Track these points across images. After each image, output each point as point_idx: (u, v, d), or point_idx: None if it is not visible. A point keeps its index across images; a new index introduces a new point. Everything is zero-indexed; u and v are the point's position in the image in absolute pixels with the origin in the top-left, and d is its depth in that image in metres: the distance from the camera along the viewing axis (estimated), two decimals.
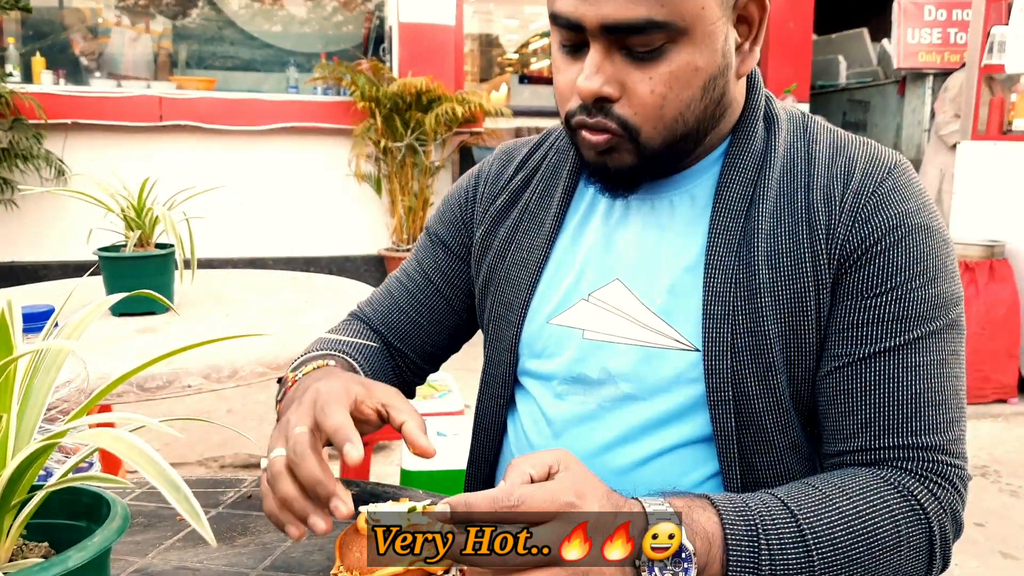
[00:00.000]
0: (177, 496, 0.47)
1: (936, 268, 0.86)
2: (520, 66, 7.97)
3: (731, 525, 0.74)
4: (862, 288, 0.86)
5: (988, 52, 4.29)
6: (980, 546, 2.64)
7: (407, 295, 1.13)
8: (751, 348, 0.88)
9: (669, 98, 0.85)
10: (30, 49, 5.70)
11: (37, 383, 0.58)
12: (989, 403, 3.95)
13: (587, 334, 0.97)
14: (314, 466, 0.71)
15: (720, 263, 0.90)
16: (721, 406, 0.89)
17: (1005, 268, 3.97)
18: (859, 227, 0.87)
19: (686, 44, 0.83)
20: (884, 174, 0.89)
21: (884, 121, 7.39)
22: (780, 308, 0.88)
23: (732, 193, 0.92)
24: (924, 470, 0.83)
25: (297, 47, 6.61)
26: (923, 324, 0.86)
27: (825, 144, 0.93)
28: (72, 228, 5.22)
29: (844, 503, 0.79)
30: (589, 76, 0.84)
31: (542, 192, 1.05)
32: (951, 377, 0.86)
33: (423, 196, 5.73)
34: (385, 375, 1.09)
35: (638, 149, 0.88)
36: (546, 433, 1.00)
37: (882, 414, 0.85)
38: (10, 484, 0.53)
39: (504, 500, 0.66)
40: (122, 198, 1.78)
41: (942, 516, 0.82)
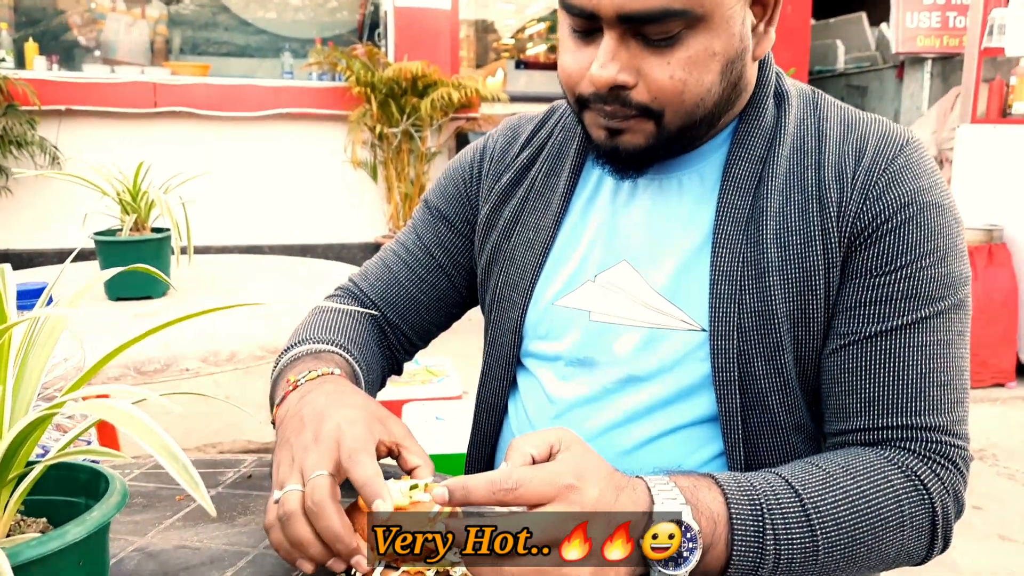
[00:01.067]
0: (176, 466, 0.46)
1: (947, 247, 0.86)
2: (516, 51, 7.93)
3: (736, 505, 0.74)
4: (872, 266, 0.85)
5: (988, 35, 4.28)
6: (978, 530, 2.65)
7: (407, 270, 1.10)
8: (758, 327, 0.87)
9: (689, 83, 0.83)
10: (23, 35, 5.66)
11: (32, 356, 0.57)
12: (987, 387, 3.96)
13: (593, 316, 0.96)
14: (334, 520, 0.68)
15: (728, 241, 0.89)
16: (726, 386, 0.89)
17: (1003, 253, 3.97)
18: (871, 204, 0.86)
19: (704, 30, 0.81)
20: (896, 151, 0.88)
21: (882, 106, 7.37)
22: (788, 287, 0.87)
23: (741, 171, 0.91)
24: (928, 451, 0.83)
25: (292, 33, 6.58)
26: (932, 304, 0.85)
27: (836, 121, 0.91)
28: (67, 215, 5.18)
29: (848, 483, 0.79)
30: (604, 64, 0.82)
31: (548, 171, 1.04)
32: (957, 357, 0.86)
33: (419, 182, 5.71)
34: (377, 364, 1.06)
35: (657, 130, 0.86)
36: (549, 414, 0.99)
37: (887, 393, 0.85)
38: (6, 457, 0.53)
39: (502, 483, 0.66)
40: (117, 182, 1.77)
41: (945, 496, 0.82)
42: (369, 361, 1.02)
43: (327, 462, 0.72)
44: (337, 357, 0.95)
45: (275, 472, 0.76)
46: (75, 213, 5.18)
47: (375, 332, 1.08)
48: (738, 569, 0.74)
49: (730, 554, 0.73)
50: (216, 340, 1.50)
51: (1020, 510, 2.81)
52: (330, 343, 0.98)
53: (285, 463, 0.75)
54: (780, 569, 0.75)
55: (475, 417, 1.10)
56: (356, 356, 0.98)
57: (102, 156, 4.92)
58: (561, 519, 0.65)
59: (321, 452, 0.73)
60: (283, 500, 0.71)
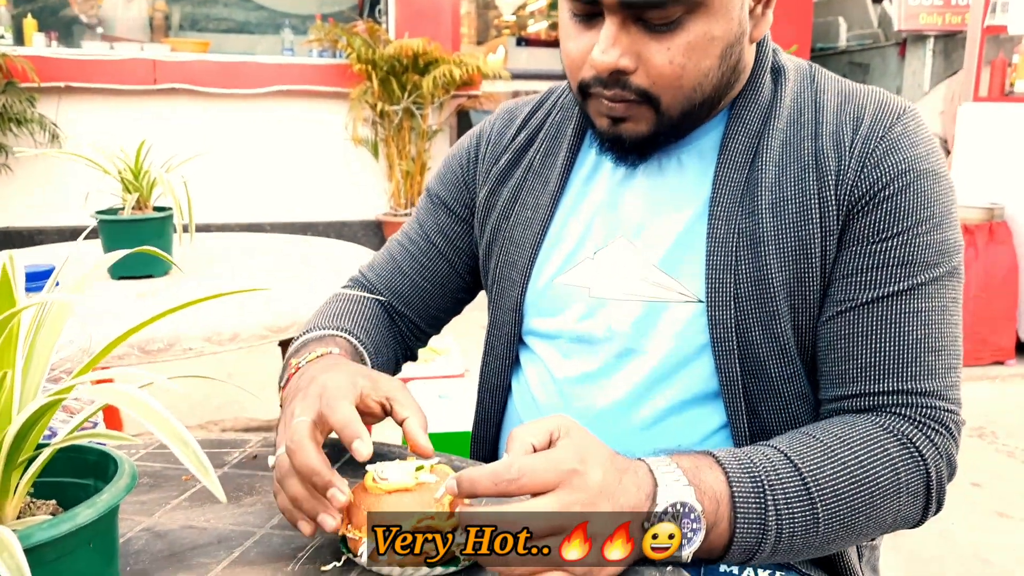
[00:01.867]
0: (186, 451, 0.46)
1: (942, 214, 0.87)
2: (517, 28, 7.90)
3: (738, 483, 0.75)
4: (869, 233, 0.87)
5: (991, 13, 4.26)
6: (977, 506, 2.67)
7: (409, 258, 1.12)
8: (755, 296, 0.88)
9: (688, 68, 0.84)
10: (21, 11, 5.62)
11: (41, 340, 0.57)
12: (986, 365, 3.97)
13: (593, 291, 0.97)
14: (310, 455, 0.71)
15: (723, 213, 0.90)
16: (726, 356, 0.90)
17: (1004, 231, 3.97)
18: (868, 171, 0.87)
19: (704, 15, 0.82)
20: (893, 120, 0.88)
21: (884, 83, 7.34)
22: (784, 255, 0.88)
23: (737, 144, 0.92)
24: (921, 415, 0.84)
25: (292, 9, 6.54)
26: (927, 270, 0.86)
27: (833, 92, 0.92)
28: (67, 192, 5.19)
29: (845, 453, 0.80)
30: (605, 50, 0.83)
31: (546, 151, 1.04)
32: (950, 324, 0.87)
33: (420, 160, 5.70)
34: (387, 347, 1.08)
35: (657, 117, 0.87)
36: (552, 392, 1.00)
37: (881, 358, 0.86)
38: (16, 440, 0.53)
39: (505, 473, 0.66)
40: (119, 160, 1.77)
41: (938, 460, 0.84)
42: (377, 344, 1.04)
43: (309, 412, 0.75)
44: (340, 339, 0.98)
45: (276, 442, 0.80)
46: (75, 191, 5.18)
47: (385, 318, 1.11)
48: (741, 546, 0.75)
49: (733, 531, 0.74)
50: (219, 320, 1.50)
51: (1019, 487, 2.83)
52: (335, 328, 1.00)
53: (280, 429, 0.80)
54: (782, 542, 0.76)
55: (479, 397, 1.11)
56: (361, 339, 1.01)
57: (102, 133, 4.93)
58: (566, 506, 0.66)
59: (304, 405, 0.77)
60: (278, 462, 0.75)
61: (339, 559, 0.73)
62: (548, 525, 0.65)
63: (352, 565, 0.72)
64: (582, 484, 0.67)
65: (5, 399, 0.53)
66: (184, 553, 0.74)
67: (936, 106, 5.61)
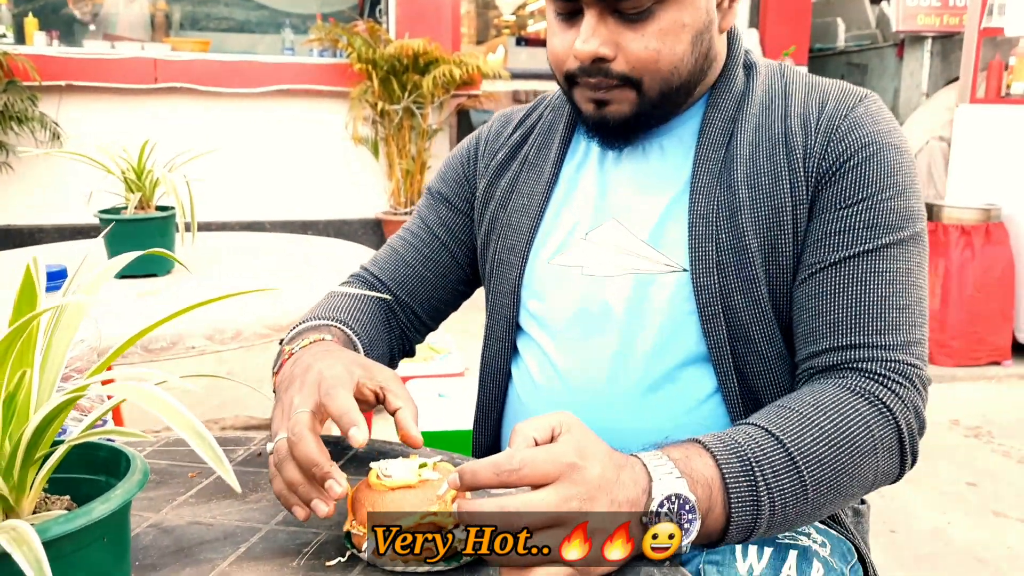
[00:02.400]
0: (203, 445, 0.48)
1: (904, 183, 0.94)
2: (517, 28, 7.91)
3: (727, 465, 0.78)
4: (836, 200, 0.94)
5: (987, 15, 4.27)
6: (972, 505, 2.69)
7: (413, 250, 1.17)
8: (735, 264, 0.95)
9: (663, 52, 0.93)
10: (22, 10, 5.63)
11: (56, 340, 0.59)
12: (983, 365, 3.99)
13: (585, 270, 1.03)
14: (310, 447, 0.74)
15: (703, 188, 0.98)
16: (712, 321, 0.96)
17: (1001, 232, 3.98)
18: (834, 145, 0.94)
19: (673, 4, 0.92)
20: (856, 101, 0.97)
21: (882, 84, 7.35)
22: (759, 225, 0.95)
23: (714, 128, 1.00)
24: (885, 370, 0.89)
25: (292, 8, 6.54)
26: (891, 233, 0.92)
27: (801, 83, 1.01)
28: (68, 191, 5.19)
29: (822, 419, 0.84)
30: (586, 39, 0.92)
31: (540, 145, 1.12)
32: (914, 286, 0.93)
33: (420, 159, 5.72)
34: (382, 342, 1.11)
35: (639, 98, 0.95)
36: (551, 374, 1.04)
37: (848, 314, 0.92)
38: (34, 438, 0.55)
39: (506, 465, 0.68)
40: (122, 160, 1.78)
41: (907, 413, 0.88)
42: (372, 338, 1.08)
43: (309, 402, 0.78)
44: (334, 328, 1.02)
45: (271, 427, 0.82)
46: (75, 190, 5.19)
47: (382, 314, 1.14)
48: (738, 525, 0.77)
49: (729, 514, 0.77)
50: (221, 318, 1.51)
51: (1014, 486, 2.84)
52: (331, 319, 1.04)
53: (276, 416, 0.82)
54: (776, 515, 0.79)
55: (480, 384, 1.15)
56: (356, 330, 1.04)
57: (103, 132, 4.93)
58: (564, 499, 0.67)
59: (303, 397, 0.79)
60: (276, 448, 0.77)
61: (343, 555, 0.74)
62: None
63: (356, 561, 0.73)
64: (581, 478, 0.69)
65: (24, 397, 0.54)
66: (191, 548, 0.76)
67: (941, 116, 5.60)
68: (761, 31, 6.82)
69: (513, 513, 0.66)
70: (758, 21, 6.93)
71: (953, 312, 3.89)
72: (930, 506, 2.63)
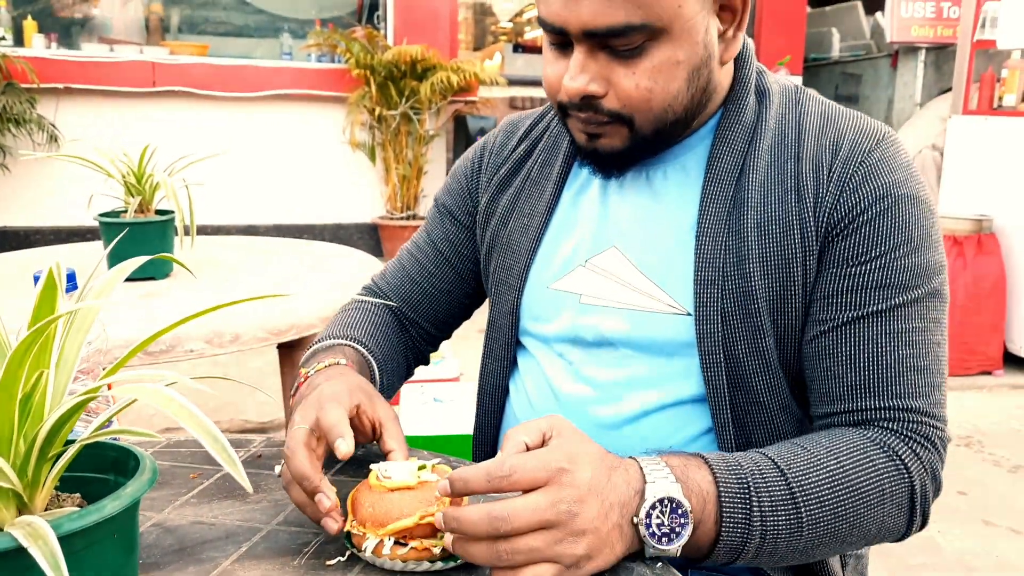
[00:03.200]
0: (215, 445, 0.50)
1: (921, 238, 0.89)
2: (514, 35, 7.94)
3: (725, 483, 0.77)
4: (848, 256, 0.89)
5: (980, 27, 4.30)
6: (962, 514, 2.71)
7: (418, 266, 1.17)
8: (740, 312, 0.92)
9: (655, 91, 0.88)
10: (21, 13, 5.64)
11: (70, 342, 0.60)
12: (974, 375, 4.01)
13: (584, 299, 1.01)
14: (301, 461, 0.76)
15: (711, 230, 0.93)
16: (713, 368, 0.93)
17: (992, 242, 4.01)
18: (847, 197, 0.90)
19: (666, 41, 0.86)
20: (872, 145, 0.91)
21: (876, 94, 7.40)
22: (767, 274, 0.91)
23: (723, 163, 0.95)
24: (907, 430, 0.86)
25: (291, 13, 6.57)
26: (906, 291, 0.88)
27: (816, 116, 0.95)
28: (64, 193, 5.20)
29: (831, 462, 0.82)
30: (574, 76, 0.88)
31: (543, 161, 1.09)
32: (932, 344, 0.90)
33: (417, 164, 5.74)
34: (398, 353, 1.13)
35: (631, 133, 0.92)
36: (547, 392, 1.04)
37: (865, 377, 0.88)
38: (48, 437, 0.56)
39: (497, 471, 0.69)
40: (122, 164, 1.79)
41: (923, 474, 0.86)
42: (386, 351, 1.09)
43: (308, 419, 0.81)
44: (347, 349, 1.02)
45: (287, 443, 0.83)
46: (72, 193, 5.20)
47: (395, 326, 1.15)
48: (726, 544, 0.77)
49: (719, 531, 0.77)
50: (220, 322, 1.53)
51: (1003, 495, 2.87)
52: (345, 337, 1.05)
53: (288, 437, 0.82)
54: (766, 544, 0.78)
55: (478, 398, 1.15)
56: (370, 347, 1.05)
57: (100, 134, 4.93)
58: (554, 502, 0.68)
59: (304, 412, 0.82)
60: (284, 470, 0.79)
61: (344, 554, 0.75)
62: (536, 521, 0.68)
63: (356, 560, 0.75)
64: (571, 481, 0.70)
65: (39, 398, 0.56)
66: (194, 547, 0.77)
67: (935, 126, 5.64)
68: (757, 41, 6.84)
69: (501, 518, 0.67)
70: (753, 31, 6.97)
71: None
72: None
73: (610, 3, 0.83)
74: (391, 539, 0.72)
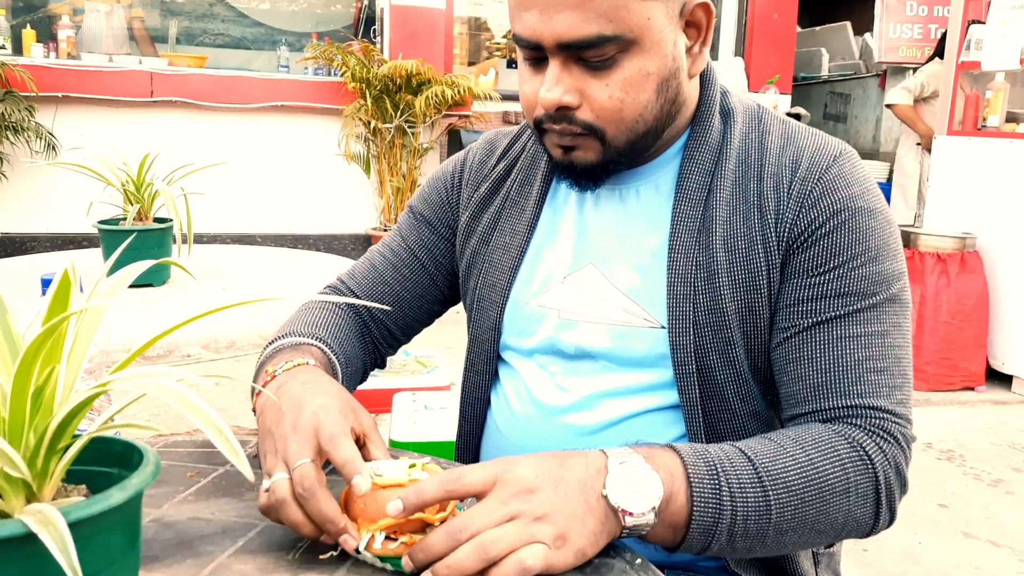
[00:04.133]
0: (220, 437, 0.53)
1: (878, 247, 0.93)
2: (508, 50, 7.98)
3: (692, 466, 0.81)
4: (808, 267, 0.94)
5: (965, 49, 4.36)
6: (943, 527, 2.73)
7: (392, 269, 1.17)
8: (711, 325, 0.96)
9: (627, 102, 0.92)
10: (20, 21, 5.67)
11: (79, 340, 0.64)
12: (957, 390, 4.04)
13: (563, 314, 1.04)
14: (324, 504, 0.74)
15: (682, 247, 0.98)
16: (686, 379, 0.97)
17: (975, 260, 4.05)
18: (806, 212, 0.94)
19: (637, 52, 0.90)
20: (830, 162, 0.96)
21: (864, 113, 7.47)
22: (736, 288, 0.96)
23: (692, 183, 0.99)
24: (870, 426, 0.90)
25: (288, 26, 6.60)
26: (865, 298, 0.92)
27: (777, 135, 1.00)
28: (61, 200, 5.22)
29: (797, 451, 0.86)
30: (550, 88, 0.91)
31: (522, 181, 1.12)
32: (893, 347, 0.93)
33: (411, 177, 5.77)
34: (357, 357, 1.13)
35: (603, 147, 0.95)
36: (527, 401, 1.07)
37: (827, 378, 0.92)
38: (58, 430, 0.60)
39: (449, 477, 0.74)
40: (122, 172, 1.83)
41: (887, 467, 0.88)
42: (348, 354, 1.09)
43: (308, 449, 0.78)
44: (315, 349, 1.02)
45: (262, 461, 0.83)
46: (69, 200, 5.21)
47: (357, 327, 1.15)
48: (699, 524, 0.80)
49: (691, 508, 0.79)
50: (217, 328, 1.56)
51: (984, 508, 2.89)
52: (310, 336, 1.05)
53: (270, 453, 0.81)
54: (736, 526, 0.81)
55: (461, 409, 1.18)
56: (335, 349, 1.05)
57: (97, 143, 4.95)
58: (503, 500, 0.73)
59: (301, 440, 0.79)
60: (272, 488, 0.77)
61: (336, 549, 0.77)
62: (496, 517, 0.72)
63: (347, 556, 0.77)
64: (513, 477, 0.75)
65: (50, 392, 0.59)
66: (191, 542, 0.79)
67: None
68: (747, 60, 6.92)
69: (459, 529, 0.71)
70: (743, 50, 7.03)
71: (928, 338, 3.95)
72: (902, 526, 2.67)
73: (583, 17, 0.87)
74: (382, 534, 0.74)
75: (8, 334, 0.63)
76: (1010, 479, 3.16)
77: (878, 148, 7.40)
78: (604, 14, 0.87)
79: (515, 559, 0.70)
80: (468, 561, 0.70)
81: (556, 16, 0.88)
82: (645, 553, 0.83)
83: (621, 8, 0.87)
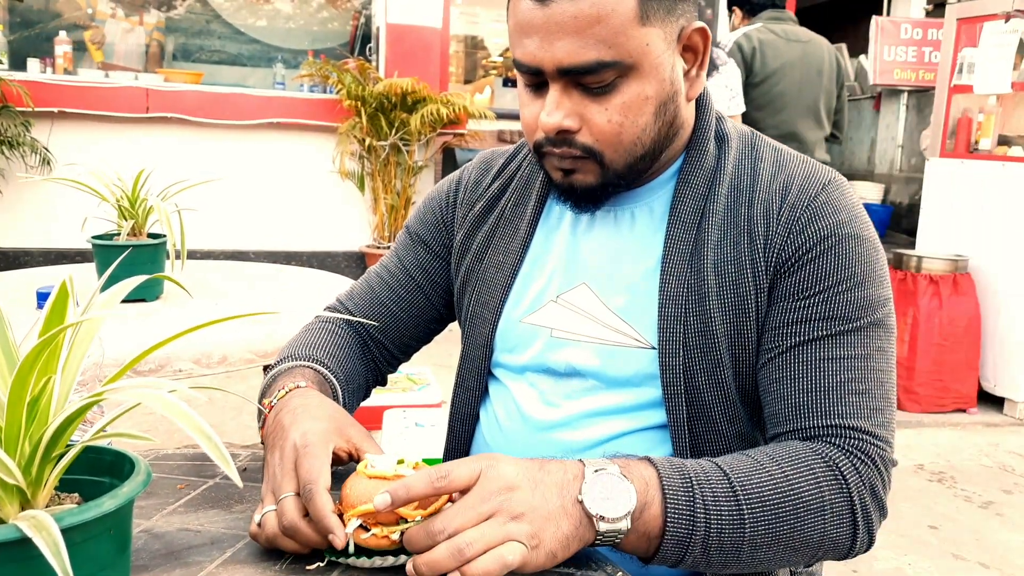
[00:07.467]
0: (211, 445, 0.55)
1: (863, 274, 0.95)
2: (504, 69, 8.04)
3: (668, 477, 0.82)
4: (794, 291, 0.95)
5: (958, 73, 4.41)
6: (933, 548, 2.74)
7: (388, 290, 1.19)
8: (701, 346, 0.97)
9: (625, 125, 0.94)
10: (18, 37, 5.69)
11: (74, 352, 0.65)
12: (948, 412, 4.06)
13: (554, 332, 1.06)
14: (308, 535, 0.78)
15: (674, 270, 0.99)
16: (675, 399, 0.98)
17: (968, 282, 4.08)
18: (794, 237, 0.96)
19: (635, 77, 0.92)
20: (819, 189, 0.98)
21: (859, 135, 7.53)
22: (726, 311, 0.97)
23: (685, 207, 1.01)
24: (849, 446, 0.90)
25: (284, 43, 6.64)
26: (849, 322, 0.94)
27: (770, 162, 1.02)
28: (54, 215, 5.23)
29: (773, 467, 0.87)
30: (550, 112, 0.94)
31: (516, 200, 1.14)
32: (876, 370, 0.94)
33: (405, 195, 5.79)
34: (359, 375, 1.15)
35: (602, 170, 0.97)
36: (516, 417, 1.09)
37: (809, 398, 0.93)
38: (52, 439, 0.61)
39: (436, 473, 0.76)
40: (116, 188, 1.84)
41: (861, 488, 0.89)
42: (348, 372, 1.11)
43: (291, 483, 0.81)
44: (308, 371, 1.04)
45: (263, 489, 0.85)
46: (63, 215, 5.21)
47: (357, 347, 1.17)
48: (673, 535, 0.81)
49: (665, 519, 0.81)
50: (208, 343, 1.56)
51: (974, 530, 2.90)
52: (307, 358, 1.07)
53: (264, 485, 0.85)
54: (711, 539, 0.82)
55: (450, 424, 1.19)
56: (332, 368, 1.07)
57: (93, 159, 4.96)
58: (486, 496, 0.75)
59: (284, 472, 0.82)
60: (264, 522, 0.80)
61: (323, 559, 0.79)
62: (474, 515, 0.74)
63: (335, 565, 0.79)
64: (496, 475, 0.77)
65: (45, 402, 0.61)
66: (180, 552, 0.80)
67: None
68: None
69: (439, 527, 0.73)
70: None
71: (920, 360, 3.97)
72: (891, 547, 2.68)
73: (583, 43, 0.89)
74: (357, 520, 0.77)
75: (5, 345, 0.64)
76: (1001, 501, 3.17)
77: (872, 170, 7.45)
78: (603, 40, 0.89)
79: (495, 554, 0.72)
80: (444, 561, 0.72)
81: (556, 43, 0.90)
82: (627, 568, 0.85)
83: (620, 35, 0.89)
